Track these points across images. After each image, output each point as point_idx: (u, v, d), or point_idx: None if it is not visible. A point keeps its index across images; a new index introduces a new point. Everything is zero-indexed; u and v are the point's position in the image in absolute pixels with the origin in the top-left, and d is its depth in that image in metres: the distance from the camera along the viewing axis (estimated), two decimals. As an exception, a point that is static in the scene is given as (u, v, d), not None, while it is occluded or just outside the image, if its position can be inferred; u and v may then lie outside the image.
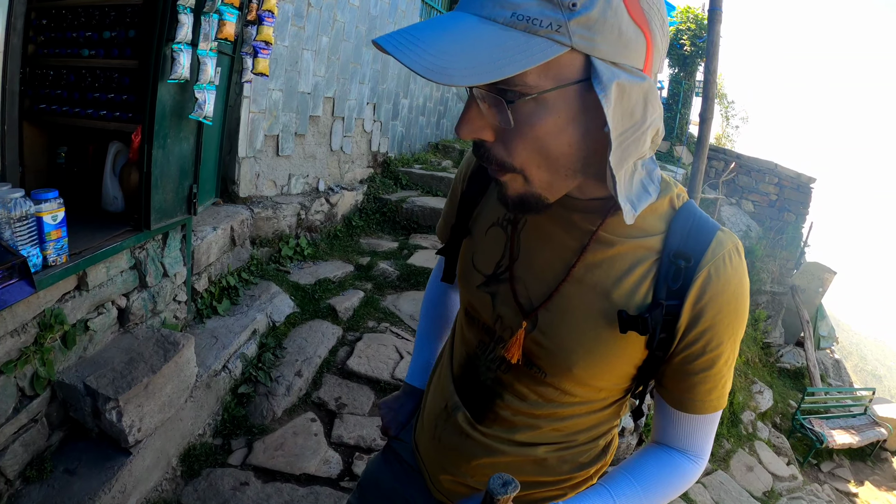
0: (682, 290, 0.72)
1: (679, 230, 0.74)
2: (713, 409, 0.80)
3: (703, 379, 0.77)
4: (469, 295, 0.89)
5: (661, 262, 0.73)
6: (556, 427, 0.85)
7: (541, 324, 0.78)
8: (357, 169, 5.48)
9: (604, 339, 0.75)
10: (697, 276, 0.71)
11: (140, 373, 2.07)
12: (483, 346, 0.88)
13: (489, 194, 0.91)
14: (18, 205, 1.66)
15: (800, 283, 8.55)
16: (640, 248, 0.74)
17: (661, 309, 0.72)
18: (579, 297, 0.76)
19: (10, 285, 1.62)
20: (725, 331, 0.74)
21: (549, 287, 0.78)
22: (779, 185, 8.43)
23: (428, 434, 0.98)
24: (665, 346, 0.75)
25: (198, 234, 2.99)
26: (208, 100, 2.26)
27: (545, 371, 0.80)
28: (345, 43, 4.73)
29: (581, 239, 0.76)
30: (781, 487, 5.45)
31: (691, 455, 0.84)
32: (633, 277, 0.74)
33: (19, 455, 1.81)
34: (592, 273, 0.75)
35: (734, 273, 0.72)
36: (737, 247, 0.74)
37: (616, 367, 0.78)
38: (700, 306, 0.72)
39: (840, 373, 9.18)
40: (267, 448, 2.54)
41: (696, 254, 0.72)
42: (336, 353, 3.31)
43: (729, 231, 0.76)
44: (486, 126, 0.62)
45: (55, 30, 2.31)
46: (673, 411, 0.82)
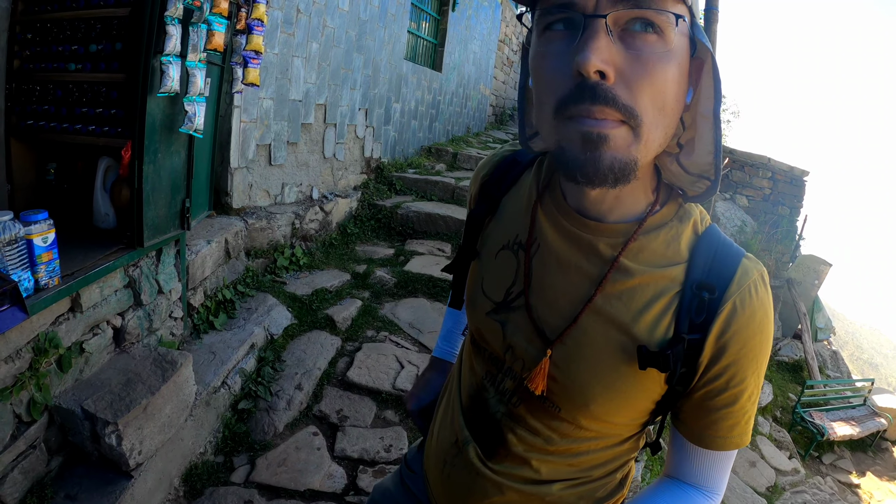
0: (706, 324, 0.68)
1: (702, 258, 0.70)
2: (734, 446, 0.74)
3: (725, 415, 0.72)
4: (477, 322, 0.84)
5: (684, 293, 0.69)
6: (571, 462, 0.81)
7: (555, 357, 0.74)
8: (351, 175, 5.44)
9: (622, 375, 0.71)
10: (722, 308, 0.68)
11: (138, 394, 2.03)
12: (491, 378, 0.84)
13: (499, 214, 0.87)
14: (7, 228, 1.61)
15: (796, 276, 8.56)
16: (663, 278, 0.70)
17: (683, 344, 0.68)
18: (597, 329, 0.72)
19: (2, 312, 1.58)
20: (750, 365, 0.70)
21: (565, 318, 0.74)
22: (772, 179, 8.44)
23: (437, 469, 0.93)
24: (686, 381, 0.71)
25: (192, 249, 2.94)
26: (198, 112, 2.21)
27: (559, 406, 0.76)
28: (335, 49, 4.69)
29: (601, 267, 0.72)
30: (784, 482, 5.44)
31: (706, 491, 0.79)
32: (654, 310, 0.70)
33: (19, 483, 1.76)
34: (611, 304, 0.71)
35: (760, 305, 0.69)
36: (762, 276, 0.71)
37: (635, 404, 0.74)
38: (724, 340, 0.68)
39: (838, 364, 9.19)
40: (270, 464, 2.49)
41: (721, 285, 0.68)
42: (336, 365, 3.26)
43: (754, 258, 0.72)
44: (611, 60, 0.56)
45: (41, 44, 2.26)
46: (691, 446, 0.77)
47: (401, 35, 6.09)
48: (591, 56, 0.54)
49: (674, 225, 0.73)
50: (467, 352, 0.92)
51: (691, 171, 0.69)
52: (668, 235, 0.72)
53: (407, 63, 6.44)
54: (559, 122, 0.60)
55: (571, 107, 0.57)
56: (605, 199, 0.70)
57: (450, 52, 7.83)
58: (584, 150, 0.58)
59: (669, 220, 0.73)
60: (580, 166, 0.59)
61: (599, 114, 0.56)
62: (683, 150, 0.69)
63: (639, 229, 0.71)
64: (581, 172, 0.59)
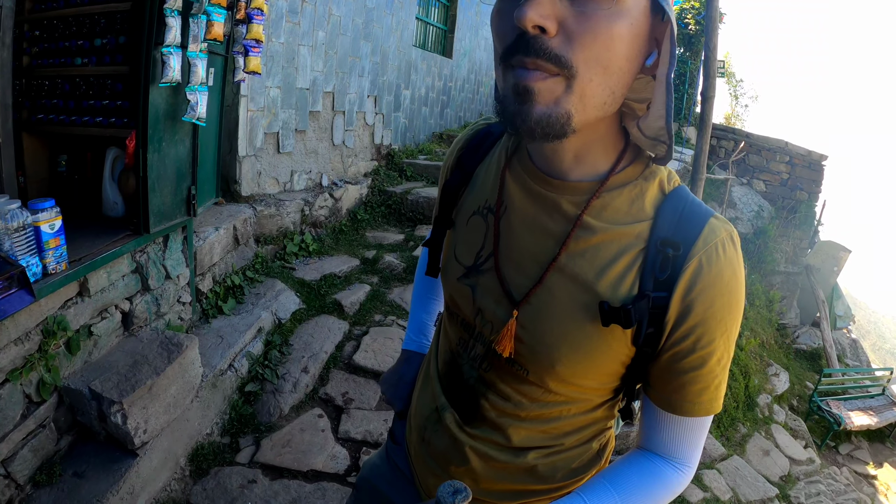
0: (671, 281, 0.67)
1: (668, 216, 0.69)
2: (704, 412, 0.73)
3: (693, 378, 0.71)
4: (450, 288, 0.86)
5: (648, 250, 0.69)
6: (543, 429, 0.81)
7: (521, 318, 0.74)
8: (360, 162, 5.47)
9: (587, 334, 0.70)
10: (687, 265, 0.66)
11: (144, 375, 2.10)
12: (463, 344, 0.85)
13: (472, 184, 0.88)
14: (15, 215, 1.68)
15: (814, 263, 8.43)
16: (627, 235, 0.70)
17: (646, 301, 0.67)
18: (561, 288, 0.72)
19: (10, 295, 1.65)
20: (718, 326, 0.68)
21: (530, 278, 0.74)
22: (790, 163, 8.28)
23: (417, 436, 0.95)
24: (653, 343, 0.70)
25: (200, 235, 3.01)
26: (201, 101, 2.26)
27: (527, 368, 0.76)
28: (342, 37, 4.71)
29: (564, 225, 0.72)
30: (799, 471, 5.39)
31: (676, 463, 0.78)
32: (618, 267, 0.69)
33: (29, 460, 1.85)
34: (575, 262, 0.71)
35: (727, 264, 0.67)
36: (731, 235, 0.70)
37: (602, 365, 0.73)
38: (690, 299, 0.67)
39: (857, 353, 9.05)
40: (274, 445, 2.56)
41: (686, 242, 0.67)
42: (342, 349, 3.32)
43: (723, 218, 0.71)
44: (553, 15, 0.56)
45: (48, 40, 2.33)
46: (660, 413, 0.76)
47: (409, 22, 6.08)
48: (528, 11, 0.55)
49: (638, 183, 0.72)
50: (444, 320, 0.93)
51: (647, 133, 0.69)
52: (633, 193, 0.71)
53: (416, 50, 6.43)
54: (504, 73, 0.62)
55: (510, 57, 0.59)
56: (564, 158, 0.71)
57: (460, 38, 7.79)
58: (516, 101, 0.60)
59: (634, 178, 0.72)
60: (511, 117, 0.61)
61: (531, 65, 0.57)
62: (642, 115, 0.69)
63: (602, 187, 0.70)
64: (511, 124, 0.61)
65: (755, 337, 7.26)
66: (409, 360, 1.13)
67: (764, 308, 7.91)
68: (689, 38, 9.42)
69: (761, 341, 7.45)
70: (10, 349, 1.76)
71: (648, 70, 0.65)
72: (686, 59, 9.58)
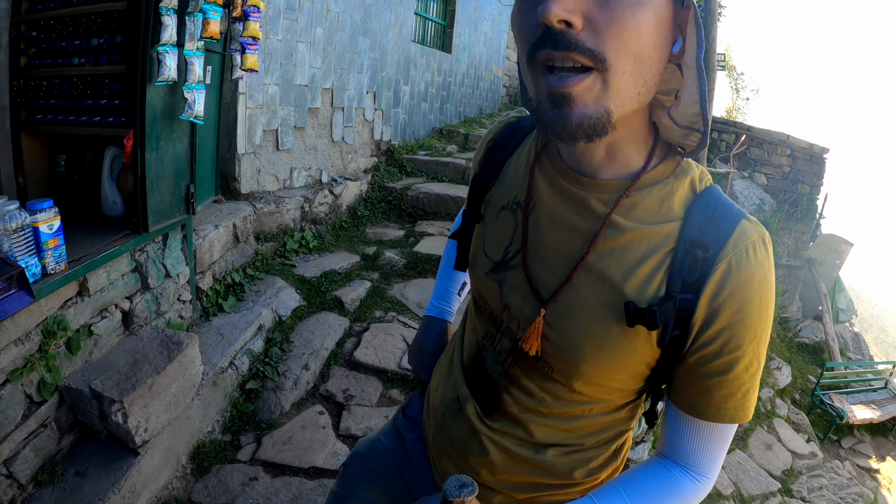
0: (699, 284, 0.66)
1: (698, 217, 0.68)
2: (728, 419, 0.71)
3: (718, 384, 0.69)
4: (478, 282, 0.86)
5: (677, 251, 0.67)
6: (565, 428, 0.81)
7: (548, 316, 0.74)
8: (360, 159, 5.47)
9: (613, 334, 0.70)
10: (716, 268, 0.65)
11: (144, 374, 2.11)
12: (490, 337, 0.85)
13: (501, 177, 0.87)
14: (13, 216, 1.68)
15: (816, 256, 8.40)
16: (656, 235, 0.69)
17: (673, 303, 0.66)
18: (588, 287, 0.71)
19: (9, 296, 1.65)
20: (747, 332, 0.67)
21: (558, 277, 0.74)
22: (791, 156, 8.24)
23: (435, 421, 0.95)
24: (679, 345, 0.69)
25: (199, 233, 3.01)
26: (198, 99, 2.26)
27: (552, 366, 0.76)
28: (340, 33, 4.69)
29: (593, 224, 0.71)
30: (801, 465, 5.39)
31: (694, 473, 0.75)
32: (645, 268, 0.68)
33: (30, 460, 1.86)
34: (603, 262, 0.70)
35: (758, 267, 0.66)
36: (763, 238, 0.68)
37: (626, 366, 0.72)
38: (718, 302, 0.66)
39: (860, 346, 9.03)
40: (275, 442, 2.57)
41: (716, 244, 0.66)
42: (343, 345, 3.33)
43: (755, 220, 0.70)
44: (578, 9, 0.55)
45: (45, 41, 2.34)
46: (682, 418, 0.74)
47: (407, 17, 6.05)
48: (552, 5, 0.54)
49: (669, 182, 0.71)
50: (470, 312, 0.93)
51: (680, 122, 0.67)
52: (663, 192, 0.70)
53: (415, 45, 6.41)
54: (532, 73, 0.61)
55: (538, 53, 0.58)
56: (595, 156, 0.70)
57: (459, 33, 7.76)
58: (553, 107, 0.59)
59: (665, 177, 0.71)
60: (550, 124, 0.60)
61: (564, 59, 0.56)
62: (673, 105, 0.68)
63: (632, 185, 0.69)
64: (552, 130, 0.60)
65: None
66: (428, 326, 1.15)
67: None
68: (690, 31, 9.38)
69: (763, 335, 7.44)
70: (10, 349, 1.77)
71: (675, 58, 0.64)
72: (687, 53, 9.54)
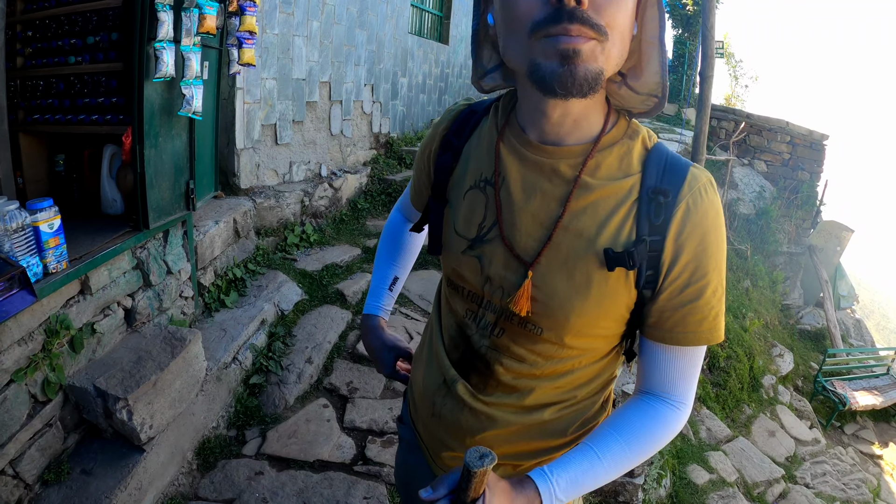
0: (664, 225, 0.75)
1: (654, 168, 0.78)
2: (705, 340, 0.79)
3: (692, 310, 0.78)
4: (453, 263, 0.89)
5: (641, 200, 0.77)
6: (557, 385, 0.86)
7: (534, 277, 0.80)
8: (359, 152, 5.46)
9: (595, 282, 0.77)
10: (677, 209, 0.75)
11: (148, 371, 2.11)
12: (472, 315, 0.89)
13: (462, 161, 0.91)
14: (14, 216, 1.68)
15: (817, 243, 8.40)
16: (621, 189, 0.78)
17: (644, 244, 0.75)
18: (568, 245, 0.78)
19: (12, 296, 1.65)
20: (709, 261, 0.76)
21: (538, 240, 0.80)
22: (791, 143, 8.21)
23: (426, 412, 0.97)
24: (652, 284, 0.78)
25: (200, 229, 3.01)
26: (196, 95, 2.25)
27: (541, 326, 0.81)
28: (336, 26, 4.67)
29: (565, 187, 0.79)
30: (804, 452, 5.41)
31: (673, 401, 0.84)
32: (616, 218, 0.77)
33: (36, 460, 1.87)
34: (579, 219, 0.78)
35: (710, 205, 0.76)
36: (710, 180, 0.78)
37: (610, 311, 0.79)
38: (682, 239, 0.75)
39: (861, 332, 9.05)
40: (280, 437, 2.59)
41: (674, 189, 0.76)
42: (346, 338, 3.34)
43: (701, 167, 0.80)
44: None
45: (41, 40, 2.33)
46: (660, 350, 0.82)
47: (403, 9, 6.02)
48: None
49: (625, 142, 0.80)
50: (444, 296, 0.96)
51: (641, 91, 0.77)
52: (621, 151, 0.79)
53: (412, 37, 6.38)
54: (534, 42, 0.68)
55: (550, 27, 0.66)
56: (564, 123, 0.77)
57: (456, 24, 7.71)
58: (562, 63, 0.66)
59: (621, 138, 0.80)
60: (558, 77, 0.67)
61: (576, 31, 0.65)
62: (630, 75, 0.77)
63: (595, 147, 0.78)
64: (559, 83, 0.67)
65: (759, 318, 7.26)
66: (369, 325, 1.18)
67: (767, 289, 7.91)
68: (688, 19, 9.32)
69: (765, 322, 7.46)
70: (13, 350, 1.77)
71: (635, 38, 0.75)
72: (685, 40, 9.49)
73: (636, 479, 2.64)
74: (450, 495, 0.71)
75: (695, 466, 3.68)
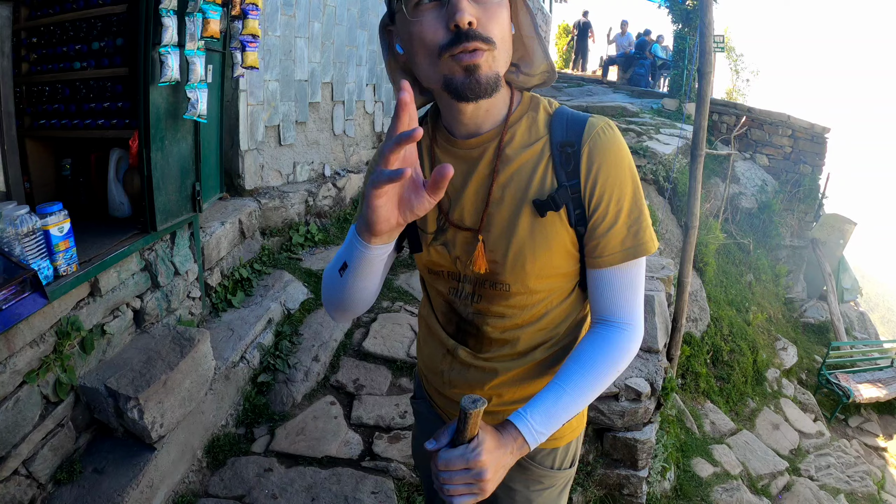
0: (576, 170, 0.90)
1: (558, 127, 0.93)
2: (631, 255, 0.92)
3: (614, 233, 0.91)
4: (427, 255, 1.03)
5: (553, 155, 0.92)
6: (538, 327, 1.01)
7: (489, 244, 0.95)
8: (362, 151, 5.48)
9: (537, 229, 0.92)
10: (582, 153, 0.90)
11: (158, 370, 2.15)
12: (454, 291, 1.03)
13: None
14: (25, 221, 1.71)
15: (820, 236, 8.39)
16: (534, 152, 0.93)
17: (564, 189, 0.90)
18: (506, 208, 0.93)
19: (24, 299, 1.69)
20: (619, 187, 0.90)
21: (479, 211, 0.95)
22: (792, 136, 8.20)
23: (437, 381, 1.12)
24: (582, 221, 0.92)
25: (206, 231, 3.04)
26: (201, 98, 2.28)
27: (507, 283, 0.96)
28: (338, 27, 4.69)
29: (490, 165, 0.94)
30: (808, 444, 5.43)
31: (619, 323, 0.95)
32: (537, 176, 0.92)
33: (49, 459, 1.90)
34: (509, 187, 0.93)
35: (610, 141, 0.90)
36: (608, 123, 0.93)
37: (555, 248, 0.93)
38: (592, 175, 0.89)
39: (865, 325, 9.04)
40: (288, 434, 2.62)
41: (577, 138, 0.90)
42: (352, 336, 3.37)
43: (599, 116, 0.95)
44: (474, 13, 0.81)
45: (46, 46, 2.36)
46: (596, 276, 0.95)
47: (406, 7, 6.02)
48: (464, 13, 0.78)
49: (530, 114, 0.95)
50: (429, 284, 1.10)
51: (534, 73, 0.95)
52: (528, 121, 0.95)
53: (414, 35, 6.38)
54: (443, 62, 0.82)
55: (454, 48, 0.80)
56: (478, 115, 0.91)
57: (459, 21, 7.71)
58: (467, 76, 0.82)
59: (526, 111, 0.95)
60: (467, 86, 0.83)
61: (472, 46, 0.80)
62: (522, 64, 0.94)
63: (506, 125, 0.93)
64: (470, 90, 0.83)
65: (762, 312, 7.27)
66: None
67: (770, 283, 7.91)
68: (687, 14, 9.29)
69: (768, 316, 7.46)
70: (25, 351, 1.80)
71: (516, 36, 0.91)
72: (684, 35, 9.46)
73: (640, 472, 2.67)
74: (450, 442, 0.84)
75: (699, 460, 3.71)
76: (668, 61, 11.66)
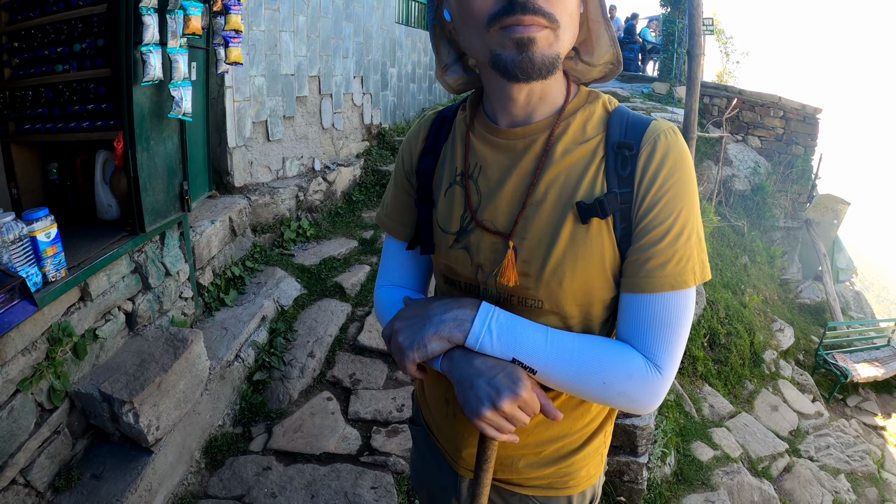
0: (631, 177, 0.78)
1: (617, 127, 0.81)
2: (668, 286, 0.75)
3: (655, 253, 0.76)
4: (445, 259, 0.90)
5: (607, 156, 0.80)
6: None
7: (522, 253, 0.81)
8: (352, 144, 5.45)
9: (578, 239, 0.78)
10: (640, 157, 0.78)
11: (152, 373, 2.14)
12: None
13: (443, 159, 0.93)
14: (10, 228, 1.69)
15: (814, 217, 8.39)
16: (587, 149, 0.81)
17: (615, 196, 0.77)
18: (547, 211, 0.80)
19: (13, 307, 1.67)
20: (673, 202, 0.76)
21: (513, 214, 0.83)
22: (784, 118, 8.16)
23: (440, 413, 0.99)
24: (627, 239, 0.79)
25: (196, 230, 3.02)
26: (185, 96, 2.25)
27: (540, 298, 0.82)
28: (323, 19, 4.64)
29: (536, 161, 0.82)
30: (807, 425, 5.45)
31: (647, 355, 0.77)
32: (587, 178, 0.80)
33: (46, 467, 1.89)
34: (553, 188, 0.81)
35: (672, 145, 0.78)
36: (672, 128, 0.81)
37: (595, 263, 0.79)
38: (646, 182, 0.77)
39: (861, 305, 9.07)
40: (286, 431, 2.62)
41: (636, 140, 0.79)
42: (346, 330, 3.36)
43: (663, 119, 0.84)
44: None
45: (28, 50, 2.33)
46: (625, 300, 0.79)
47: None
48: None
49: (587, 108, 0.84)
50: (442, 293, 0.97)
51: (596, 64, 0.84)
52: (584, 116, 0.83)
53: (400, 27, 6.34)
54: (492, 34, 0.72)
55: (504, 18, 0.69)
56: (531, 101, 0.81)
57: (446, 10, 7.65)
58: (519, 51, 0.71)
59: (582, 105, 0.84)
60: (518, 64, 0.71)
61: (528, 21, 0.69)
62: (583, 51, 0.84)
63: (560, 116, 0.82)
64: (521, 69, 0.72)
65: (758, 293, 7.28)
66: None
67: (765, 264, 7.92)
68: (676, -4, 9.24)
69: (764, 297, 7.48)
70: (17, 360, 1.79)
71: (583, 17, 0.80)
72: (673, 19, 9.40)
73: (640, 458, 2.68)
74: None
75: (699, 443, 3.72)
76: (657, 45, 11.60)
